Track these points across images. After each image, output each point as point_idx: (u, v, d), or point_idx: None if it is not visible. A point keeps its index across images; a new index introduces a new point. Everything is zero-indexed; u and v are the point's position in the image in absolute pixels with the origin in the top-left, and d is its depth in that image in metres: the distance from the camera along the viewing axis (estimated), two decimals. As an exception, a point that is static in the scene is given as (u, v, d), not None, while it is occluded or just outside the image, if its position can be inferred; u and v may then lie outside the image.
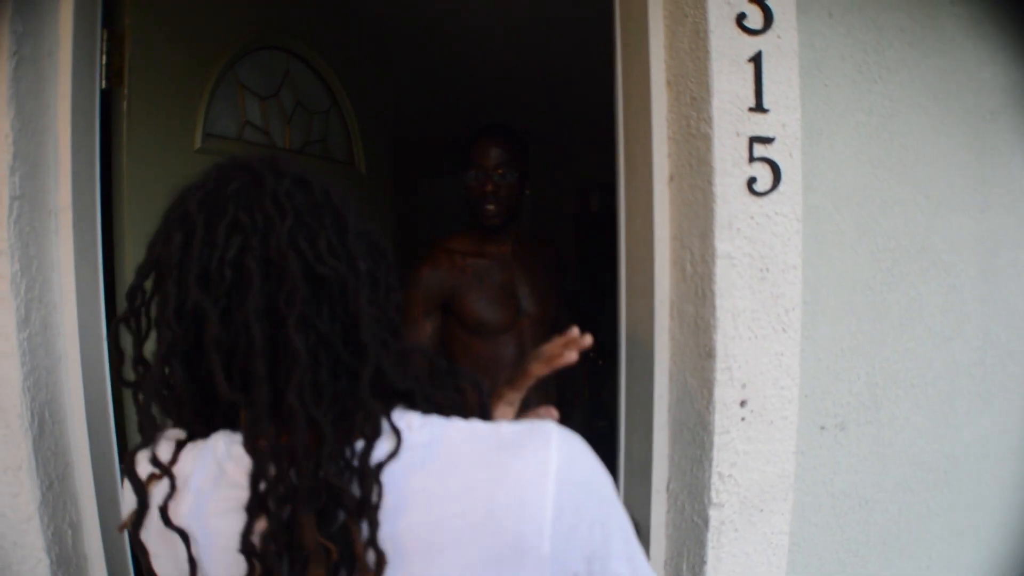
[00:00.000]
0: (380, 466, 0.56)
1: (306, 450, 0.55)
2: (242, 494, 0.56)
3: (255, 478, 0.55)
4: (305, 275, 0.56)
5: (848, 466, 1.35)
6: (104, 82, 1.22)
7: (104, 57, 1.23)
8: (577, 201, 4.08)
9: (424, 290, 1.74)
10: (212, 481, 0.59)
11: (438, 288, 1.75)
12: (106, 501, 1.15)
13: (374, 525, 0.55)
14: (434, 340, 1.79)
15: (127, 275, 1.23)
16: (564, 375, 1.81)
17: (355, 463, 0.56)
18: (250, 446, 0.56)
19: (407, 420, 0.60)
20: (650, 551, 1.26)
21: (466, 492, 0.57)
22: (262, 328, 0.55)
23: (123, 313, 0.62)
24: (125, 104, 1.23)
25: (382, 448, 0.57)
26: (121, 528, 0.62)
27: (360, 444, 0.56)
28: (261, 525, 0.55)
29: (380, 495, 0.55)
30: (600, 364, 2.47)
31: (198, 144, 1.29)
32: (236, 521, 0.56)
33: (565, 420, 0.71)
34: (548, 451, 0.58)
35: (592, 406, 2.37)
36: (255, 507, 0.55)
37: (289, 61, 1.53)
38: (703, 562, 1.18)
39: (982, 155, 1.48)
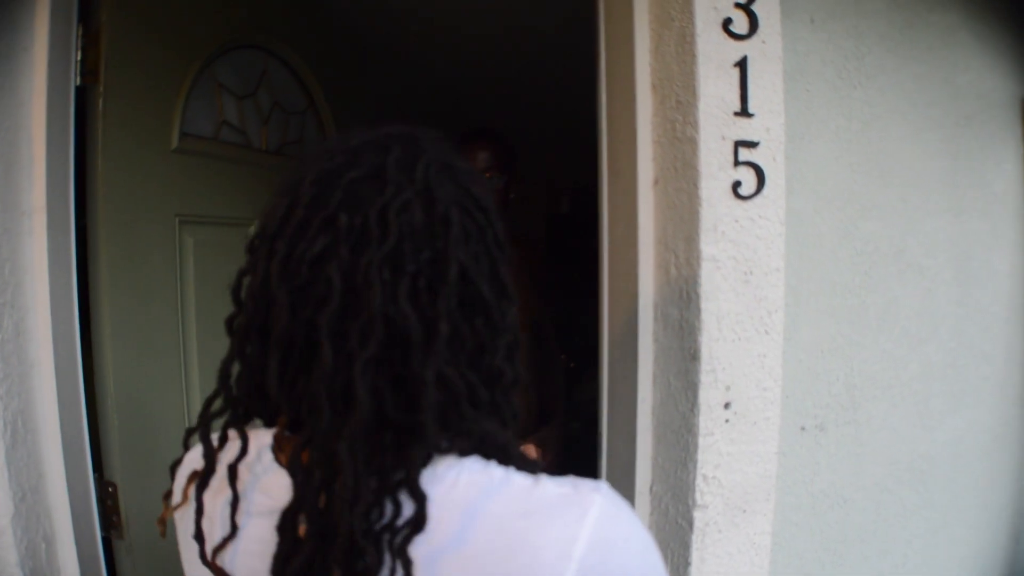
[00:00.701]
0: (406, 540, 0.49)
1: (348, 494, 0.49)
2: (272, 503, 0.54)
3: (293, 505, 0.51)
4: (384, 316, 0.50)
5: (827, 466, 1.37)
6: (79, 79, 1.19)
7: (80, 54, 1.20)
8: (548, 202, 4.10)
9: None
10: (250, 479, 0.57)
11: None
12: (81, 513, 1.12)
13: None
14: None
15: (102, 278, 1.20)
16: (543, 379, 1.84)
17: (381, 528, 0.50)
18: (289, 461, 0.52)
19: (436, 468, 0.52)
20: (634, 553, 1.27)
21: (479, 559, 0.49)
22: (332, 347, 0.49)
23: (245, 265, 0.57)
24: (101, 102, 1.20)
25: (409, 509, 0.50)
26: (162, 519, 0.62)
27: (389, 506, 0.50)
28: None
29: (407, 568, 0.49)
30: (571, 367, 2.49)
31: (175, 144, 1.26)
32: (261, 527, 0.54)
33: (544, 422, 0.69)
34: (579, 528, 0.49)
35: (566, 408, 2.38)
36: (287, 528, 0.51)
37: (267, 60, 1.50)
38: (687, 563, 1.19)
39: (957, 160, 1.51)
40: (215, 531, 0.57)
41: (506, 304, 0.57)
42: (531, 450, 0.80)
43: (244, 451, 0.56)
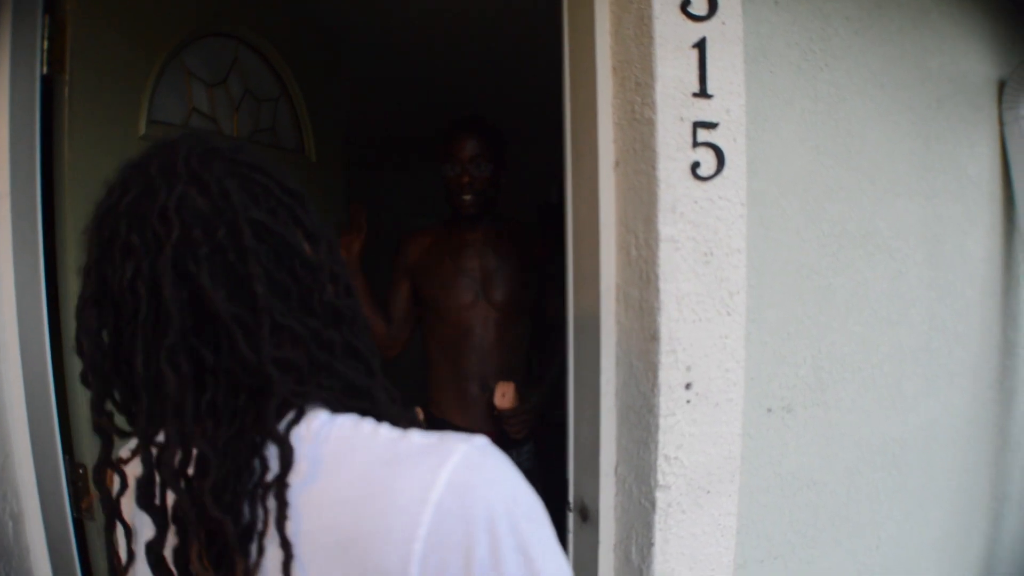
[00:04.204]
0: (267, 489, 0.52)
1: (197, 467, 0.53)
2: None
3: (141, 492, 0.55)
4: (190, 305, 0.54)
5: (796, 448, 1.37)
6: (45, 68, 1.21)
7: (46, 43, 1.21)
8: (538, 191, 4.10)
9: (401, 256, 1.96)
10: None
11: (407, 259, 1.95)
12: (48, 492, 1.14)
13: (260, 551, 0.52)
14: (407, 304, 1.96)
15: (70, 263, 1.21)
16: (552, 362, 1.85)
17: (246, 487, 0.53)
18: (144, 457, 0.55)
19: (311, 425, 0.55)
20: (599, 535, 1.27)
21: (339, 507, 0.51)
22: (144, 357, 0.54)
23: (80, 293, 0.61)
24: (67, 90, 1.22)
25: (276, 465, 0.54)
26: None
27: (256, 464, 0.53)
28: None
29: (267, 521, 0.52)
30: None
31: (143, 131, 1.27)
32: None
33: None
34: (438, 473, 0.50)
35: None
36: (157, 520, 0.55)
37: (238, 48, 1.51)
38: (651, 544, 1.19)
39: (928, 143, 1.51)
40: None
41: (317, 243, 0.60)
42: (419, 412, 0.85)
43: (124, 485, 0.61)
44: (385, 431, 0.55)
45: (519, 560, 0.50)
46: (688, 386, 1.18)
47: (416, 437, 0.54)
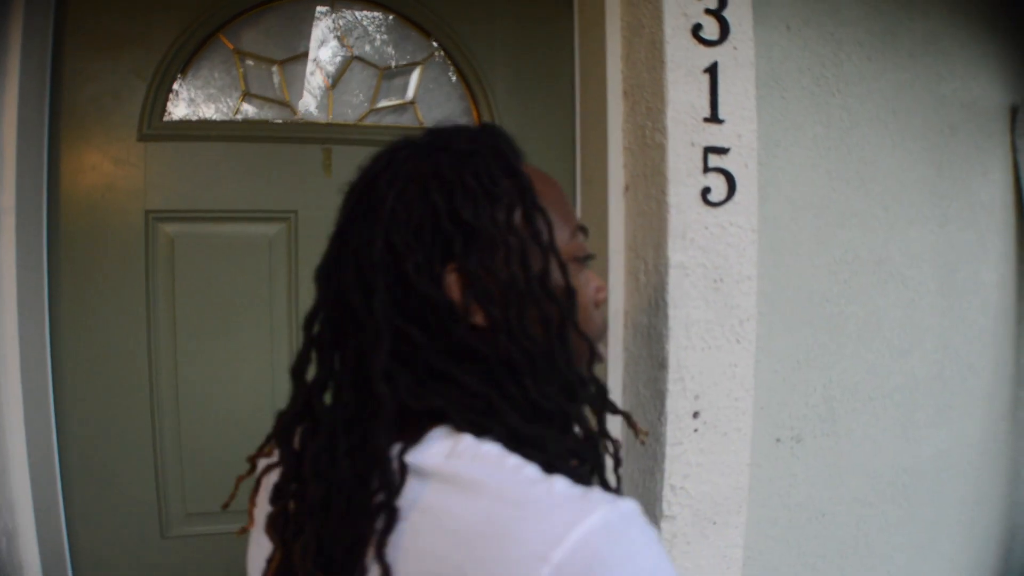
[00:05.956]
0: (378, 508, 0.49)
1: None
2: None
3: (276, 491, 0.57)
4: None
5: (805, 479, 1.35)
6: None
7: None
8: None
9: None
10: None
11: None
12: (43, 509, 1.12)
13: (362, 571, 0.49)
14: None
15: (67, 278, 1.21)
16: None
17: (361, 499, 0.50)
18: (282, 450, 0.57)
19: (458, 446, 0.51)
20: (604, 564, 1.25)
21: (453, 539, 0.46)
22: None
23: None
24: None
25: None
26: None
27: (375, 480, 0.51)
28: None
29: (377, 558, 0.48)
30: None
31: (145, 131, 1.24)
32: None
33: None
34: (568, 531, 0.43)
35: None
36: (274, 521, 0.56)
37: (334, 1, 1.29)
38: (655, 575, 1.16)
39: (941, 169, 1.49)
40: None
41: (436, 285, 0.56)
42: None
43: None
44: (530, 471, 0.48)
45: None
46: (696, 415, 1.16)
47: (559, 485, 0.46)
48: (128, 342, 1.22)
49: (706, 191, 1.15)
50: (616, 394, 1.24)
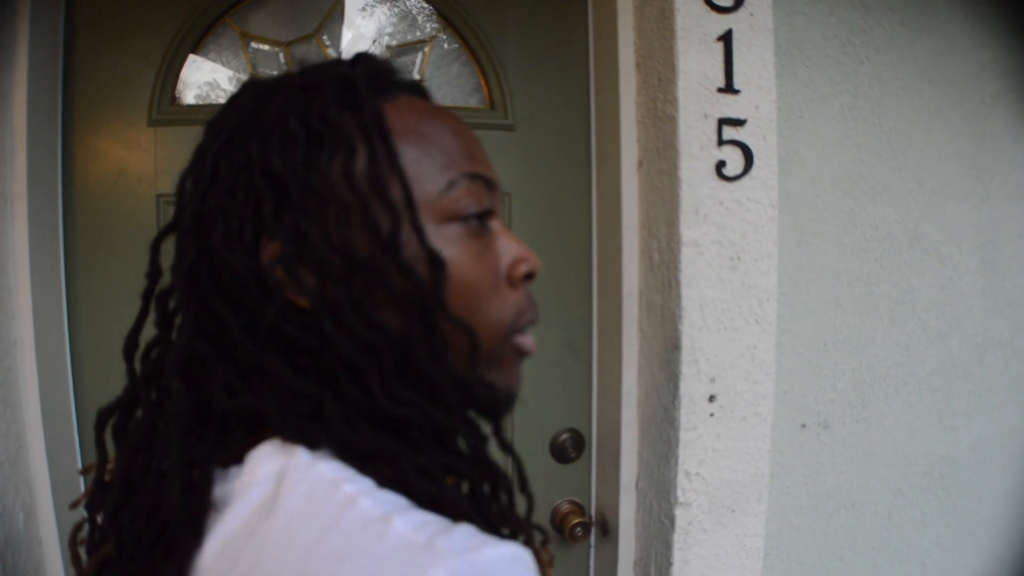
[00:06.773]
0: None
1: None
2: None
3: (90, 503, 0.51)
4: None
5: (832, 466, 1.29)
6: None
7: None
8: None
9: None
10: None
11: None
12: (61, 484, 1.14)
13: None
14: None
15: (80, 257, 1.22)
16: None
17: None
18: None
19: (289, 465, 0.40)
20: (619, 551, 1.21)
21: None
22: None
23: None
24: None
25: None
26: None
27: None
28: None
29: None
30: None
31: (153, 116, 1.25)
32: None
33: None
34: None
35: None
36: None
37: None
38: (669, 564, 1.13)
39: (982, 141, 1.40)
40: None
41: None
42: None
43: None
44: (367, 505, 0.37)
45: None
46: (712, 399, 1.11)
47: (400, 526, 0.35)
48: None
49: (721, 165, 1.09)
50: (630, 376, 1.20)
